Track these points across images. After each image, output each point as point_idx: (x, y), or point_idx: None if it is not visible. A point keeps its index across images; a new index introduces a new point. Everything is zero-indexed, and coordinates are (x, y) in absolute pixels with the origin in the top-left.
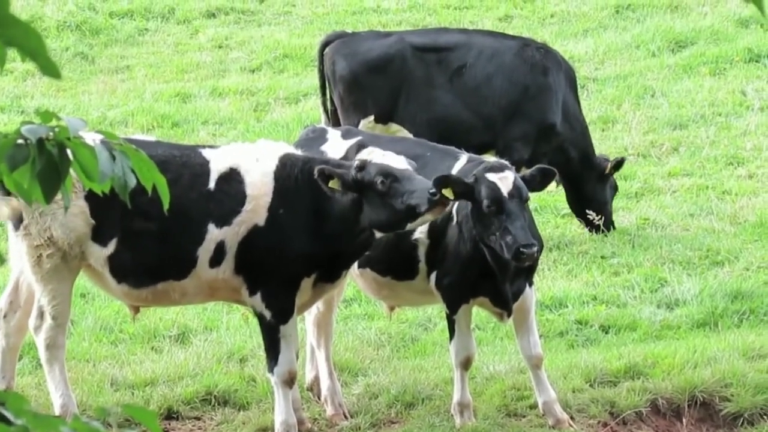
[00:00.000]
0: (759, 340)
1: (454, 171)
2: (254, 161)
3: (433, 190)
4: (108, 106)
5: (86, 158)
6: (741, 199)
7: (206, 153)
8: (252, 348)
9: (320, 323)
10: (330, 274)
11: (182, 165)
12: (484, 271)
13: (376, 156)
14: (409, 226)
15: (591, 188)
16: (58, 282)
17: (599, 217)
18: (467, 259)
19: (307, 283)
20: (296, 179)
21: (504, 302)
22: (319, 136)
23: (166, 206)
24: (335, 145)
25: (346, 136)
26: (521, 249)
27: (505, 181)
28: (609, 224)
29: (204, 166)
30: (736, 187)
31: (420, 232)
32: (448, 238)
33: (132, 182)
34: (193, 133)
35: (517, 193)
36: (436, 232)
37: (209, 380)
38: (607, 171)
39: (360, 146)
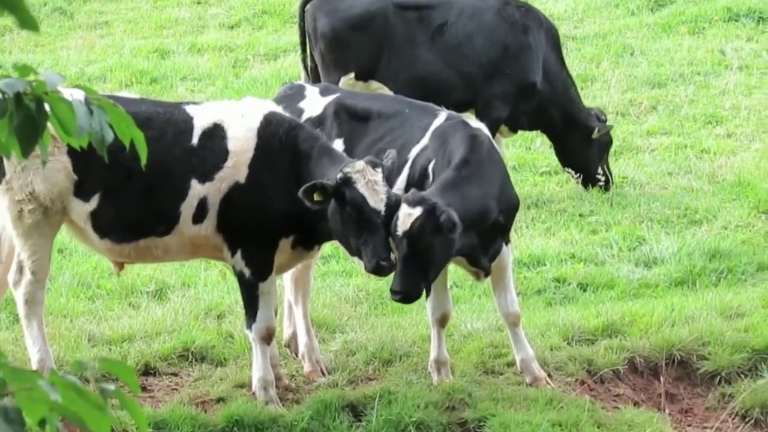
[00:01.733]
0: (736, 299)
1: (432, 127)
2: (239, 117)
3: (385, 262)
4: (86, 61)
5: (64, 113)
6: (719, 158)
7: (190, 109)
8: (229, 304)
9: (298, 280)
10: (307, 240)
11: (166, 122)
12: (461, 231)
13: (360, 180)
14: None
15: (575, 147)
16: (38, 237)
17: (578, 175)
18: None
19: (285, 244)
20: (280, 139)
21: (480, 262)
22: (297, 93)
23: (143, 161)
24: (313, 102)
25: (324, 93)
26: (390, 292)
27: (407, 218)
28: (591, 182)
29: (188, 123)
30: (715, 146)
31: (397, 189)
32: None
33: (109, 137)
34: (172, 89)
35: (409, 235)
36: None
37: (186, 336)
38: (595, 136)
39: (338, 104)
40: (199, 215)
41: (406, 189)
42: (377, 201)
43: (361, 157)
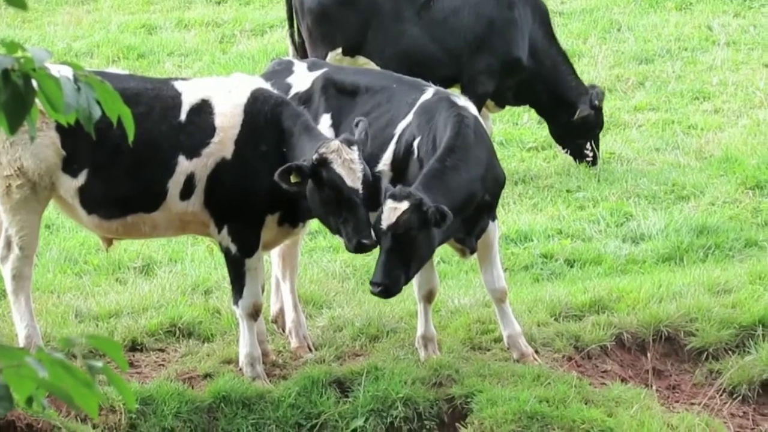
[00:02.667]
0: (724, 275)
1: (419, 103)
2: (226, 93)
3: (367, 240)
4: (73, 37)
5: (51, 89)
6: (707, 134)
7: (179, 85)
8: (216, 280)
9: (285, 255)
10: (293, 217)
11: (154, 98)
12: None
13: (336, 160)
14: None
15: (561, 124)
16: (26, 213)
17: (564, 150)
18: None
19: (271, 221)
20: (265, 116)
21: (465, 241)
22: (286, 69)
23: (131, 138)
24: (301, 77)
25: (312, 68)
26: (370, 284)
27: (392, 212)
28: (578, 158)
29: (176, 99)
30: (702, 121)
31: (383, 164)
32: (410, 172)
33: (97, 113)
34: (159, 64)
35: (393, 228)
36: (399, 165)
37: (174, 312)
38: (575, 118)
39: (326, 79)
40: (187, 191)
41: (392, 164)
42: (354, 179)
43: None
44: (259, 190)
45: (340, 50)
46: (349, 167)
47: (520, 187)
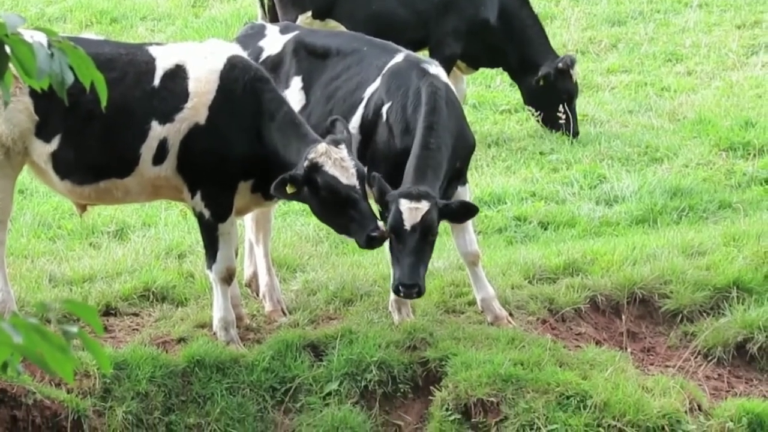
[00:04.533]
0: (698, 237)
1: (389, 66)
2: (202, 59)
3: (376, 233)
4: (46, 2)
5: (24, 55)
6: (680, 96)
7: (153, 50)
8: (190, 244)
9: (259, 219)
10: (268, 189)
11: (128, 63)
12: None
13: (327, 162)
14: None
15: (530, 88)
16: (0, 178)
17: (538, 113)
18: (396, 158)
19: (245, 187)
20: (244, 85)
21: None
22: (258, 33)
23: (104, 104)
24: (273, 41)
25: (284, 31)
26: (400, 287)
27: (414, 212)
28: (550, 125)
29: (150, 64)
30: (675, 83)
31: (352, 127)
32: (378, 135)
33: (70, 79)
34: (132, 29)
35: (420, 228)
36: (367, 129)
37: (147, 276)
38: (536, 78)
39: (297, 42)
40: (159, 156)
41: (361, 128)
42: (349, 177)
43: (319, 95)
44: (232, 156)
45: (310, 13)
46: (341, 166)
47: (493, 149)
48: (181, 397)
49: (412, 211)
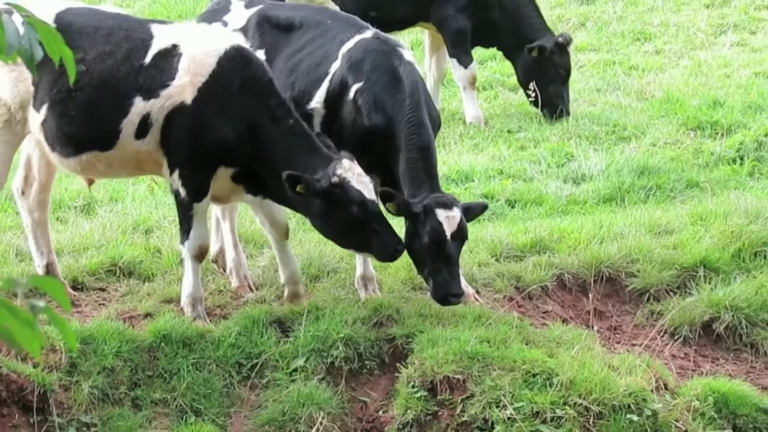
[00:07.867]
0: (665, 216)
1: (352, 42)
2: (202, 40)
3: (400, 246)
4: None
5: None
6: (648, 75)
7: (155, 28)
8: (157, 219)
9: None
10: (253, 186)
11: (124, 38)
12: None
13: (352, 178)
14: None
15: (524, 67)
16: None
17: (533, 96)
18: (362, 134)
19: (225, 173)
20: (243, 80)
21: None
22: (224, 8)
23: (72, 80)
24: (237, 15)
25: (249, 5)
26: (449, 296)
27: (452, 220)
28: (546, 107)
29: (146, 41)
30: (643, 62)
31: (316, 101)
32: (344, 112)
33: (39, 54)
34: (99, 3)
35: (459, 235)
36: (332, 104)
37: (114, 251)
38: (527, 48)
39: (260, 15)
40: (142, 131)
41: (325, 102)
42: (369, 191)
43: (282, 67)
44: (211, 140)
45: None
46: (361, 181)
47: (461, 127)
48: (148, 372)
49: (450, 220)
